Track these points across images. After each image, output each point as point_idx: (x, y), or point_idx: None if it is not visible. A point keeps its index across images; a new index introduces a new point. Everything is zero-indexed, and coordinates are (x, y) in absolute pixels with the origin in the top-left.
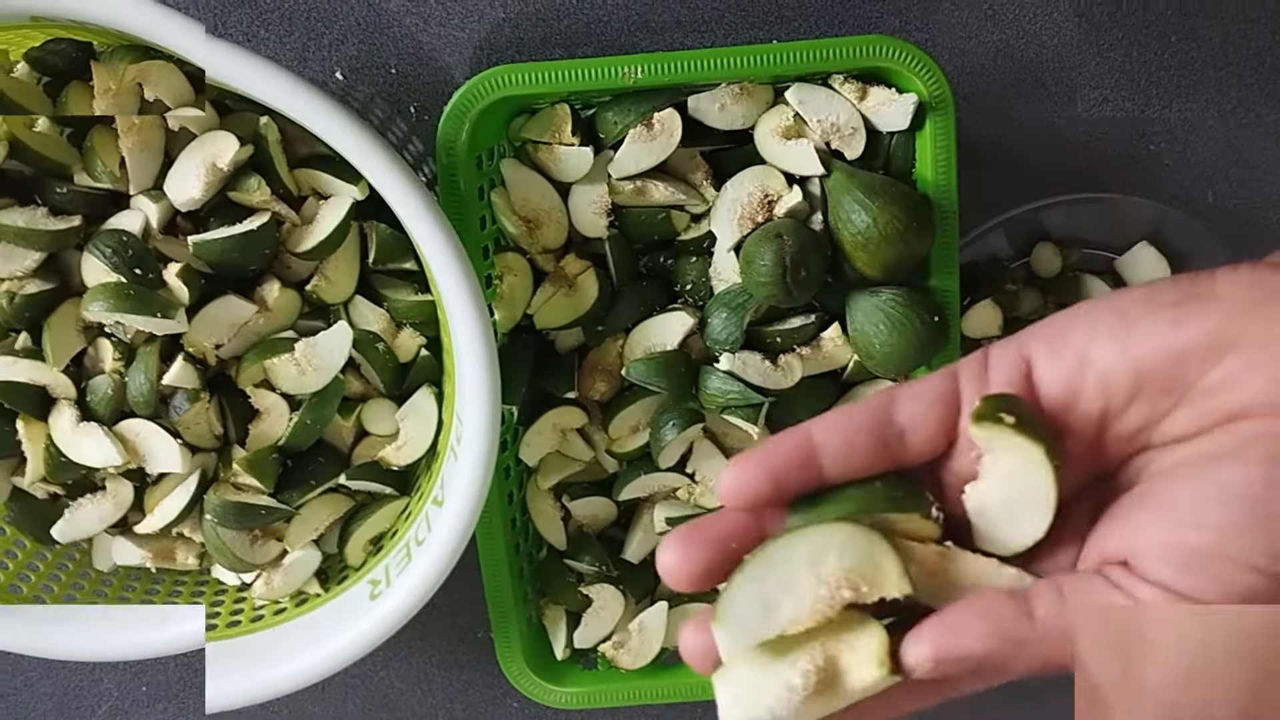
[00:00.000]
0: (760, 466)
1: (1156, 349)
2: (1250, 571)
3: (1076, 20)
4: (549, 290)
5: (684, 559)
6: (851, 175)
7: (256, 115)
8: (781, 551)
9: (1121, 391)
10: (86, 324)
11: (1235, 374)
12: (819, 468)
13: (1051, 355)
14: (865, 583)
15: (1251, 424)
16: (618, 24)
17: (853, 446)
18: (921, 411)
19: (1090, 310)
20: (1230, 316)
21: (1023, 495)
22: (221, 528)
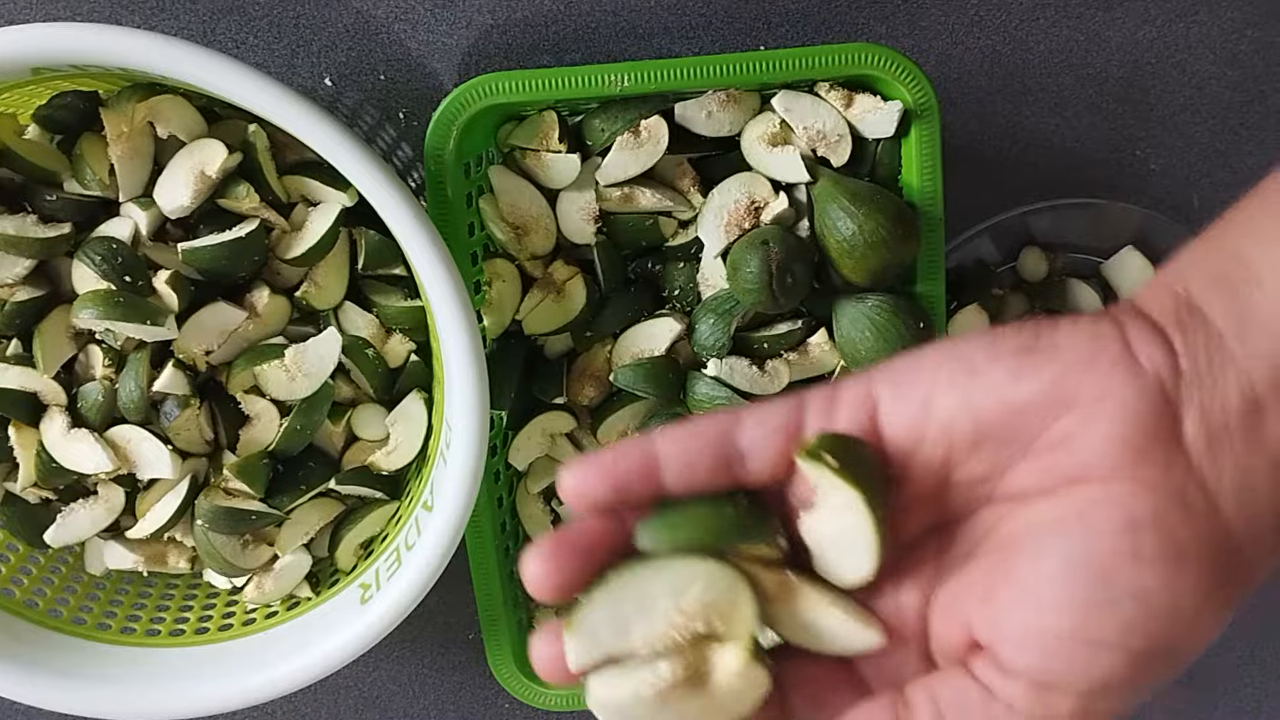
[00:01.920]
0: (602, 473)
1: (996, 401)
2: (1108, 650)
3: (1061, 25)
4: (537, 296)
5: (549, 570)
6: (837, 182)
7: (245, 123)
8: (644, 575)
9: (963, 440)
10: (77, 331)
11: (1072, 432)
12: (660, 480)
13: (896, 398)
14: (720, 620)
15: (1092, 489)
16: (605, 30)
17: (694, 463)
18: (763, 438)
19: (936, 356)
20: (1067, 371)
21: (848, 535)
22: (212, 532)
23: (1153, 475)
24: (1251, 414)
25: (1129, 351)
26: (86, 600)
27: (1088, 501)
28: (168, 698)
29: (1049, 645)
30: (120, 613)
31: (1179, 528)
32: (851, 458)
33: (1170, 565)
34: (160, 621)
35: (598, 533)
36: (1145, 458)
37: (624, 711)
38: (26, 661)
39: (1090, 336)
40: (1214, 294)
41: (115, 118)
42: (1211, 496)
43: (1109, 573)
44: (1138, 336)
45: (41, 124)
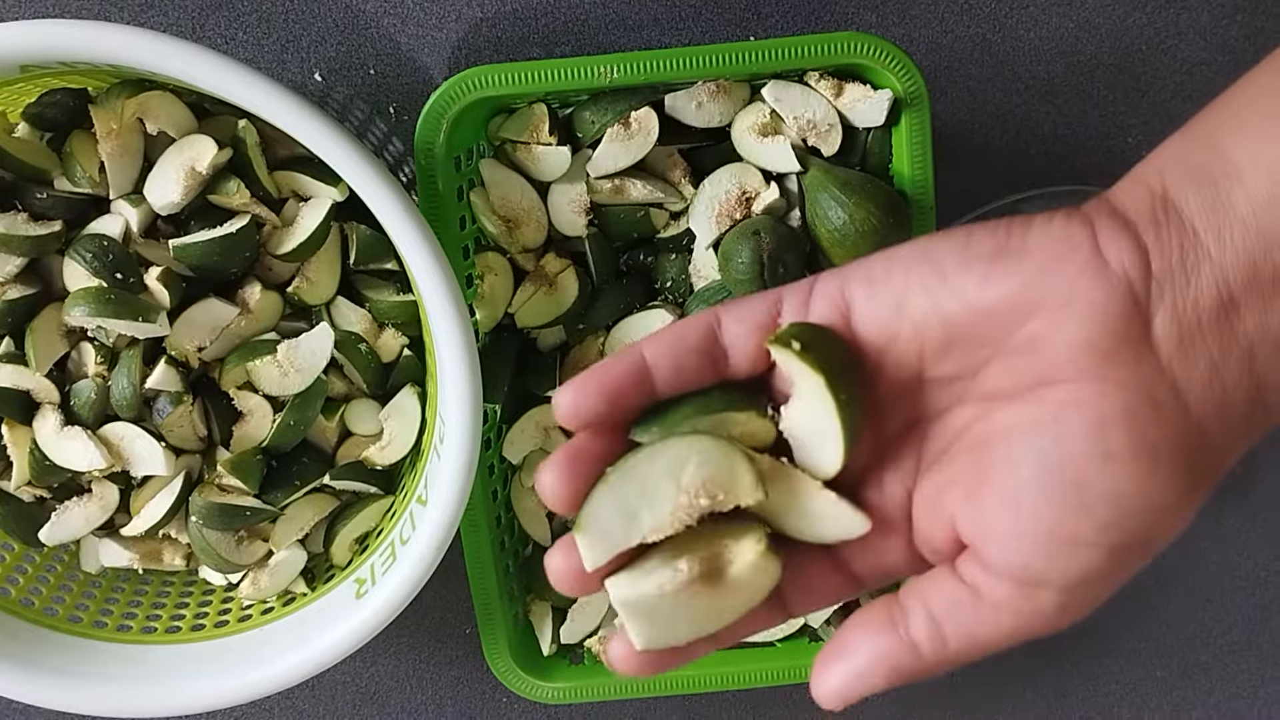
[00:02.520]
0: (596, 386)
1: (966, 305)
2: (1086, 548)
3: (1052, 12)
4: (529, 289)
5: (565, 481)
6: (828, 172)
7: (235, 118)
8: (642, 462)
9: (935, 342)
10: (69, 329)
11: (1040, 335)
12: (652, 385)
13: (869, 298)
14: (722, 490)
15: (1061, 391)
16: (595, 22)
17: (683, 364)
18: (744, 333)
19: (909, 256)
20: (1036, 275)
21: (818, 422)
22: (207, 529)
23: (1121, 375)
24: (1225, 311)
25: (1098, 252)
26: (82, 598)
27: (1057, 404)
28: (164, 695)
29: (1029, 545)
30: (116, 610)
31: (1149, 426)
32: (817, 343)
33: (1141, 464)
34: (156, 619)
35: (604, 444)
36: (1113, 358)
37: (646, 608)
38: (23, 660)
39: (1060, 237)
40: (1191, 189)
41: (105, 115)
42: (1181, 394)
43: (1082, 475)
44: (1108, 236)
45: (31, 122)
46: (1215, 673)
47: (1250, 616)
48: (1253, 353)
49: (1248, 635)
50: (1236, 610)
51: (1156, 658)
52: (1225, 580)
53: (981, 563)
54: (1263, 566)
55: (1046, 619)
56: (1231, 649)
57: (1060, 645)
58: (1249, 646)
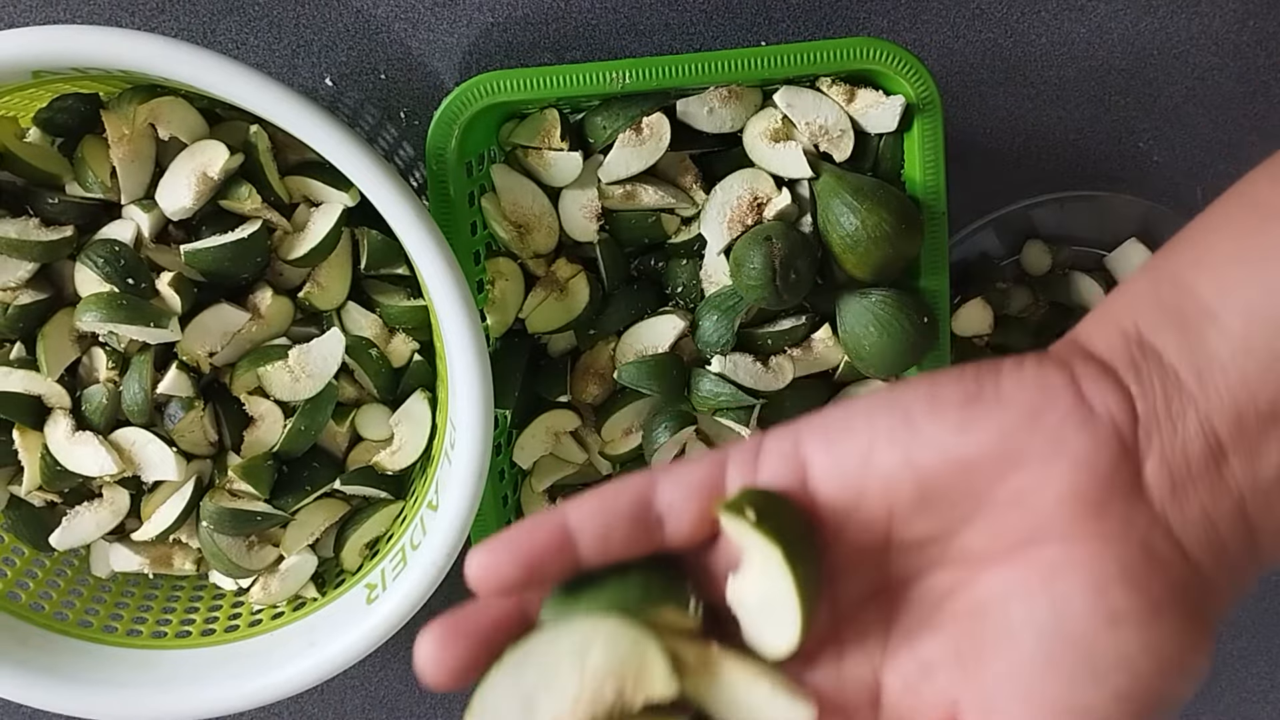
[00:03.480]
0: (511, 552)
1: (940, 457)
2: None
3: (1063, 17)
4: (540, 294)
5: (443, 656)
6: (840, 178)
7: (246, 123)
8: (543, 645)
9: (906, 500)
10: (80, 334)
11: (1025, 490)
12: (575, 553)
13: (829, 455)
14: (631, 680)
15: (1053, 550)
16: (606, 27)
17: (610, 532)
18: (681, 500)
19: (871, 406)
20: (1016, 424)
21: (771, 598)
22: (218, 534)
23: (1115, 530)
24: (1213, 457)
25: (1081, 399)
26: (92, 603)
27: (1051, 565)
28: (174, 700)
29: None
30: (126, 615)
31: (1150, 581)
32: (773, 512)
33: (1148, 622)
34: (166, 623)
35: (496, 613)
36: (1105, 512)
37: None
38: (32, 665)
39: (1038, 385)
40: (1167, 331)
41: (116, 120)
42: (1178, 542)
43: (1088, 644)
44: (1089, 381)
45: (43, 127)
46: (1225, 678)
47: (1260, 621)
48: (1243, 499)
49: (1257, 641)
50: (1246, 615)
51: None
52: None
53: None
54: (1273, 572)
55: None
56: (1242, 654)
57: None
58: (1259, 652)
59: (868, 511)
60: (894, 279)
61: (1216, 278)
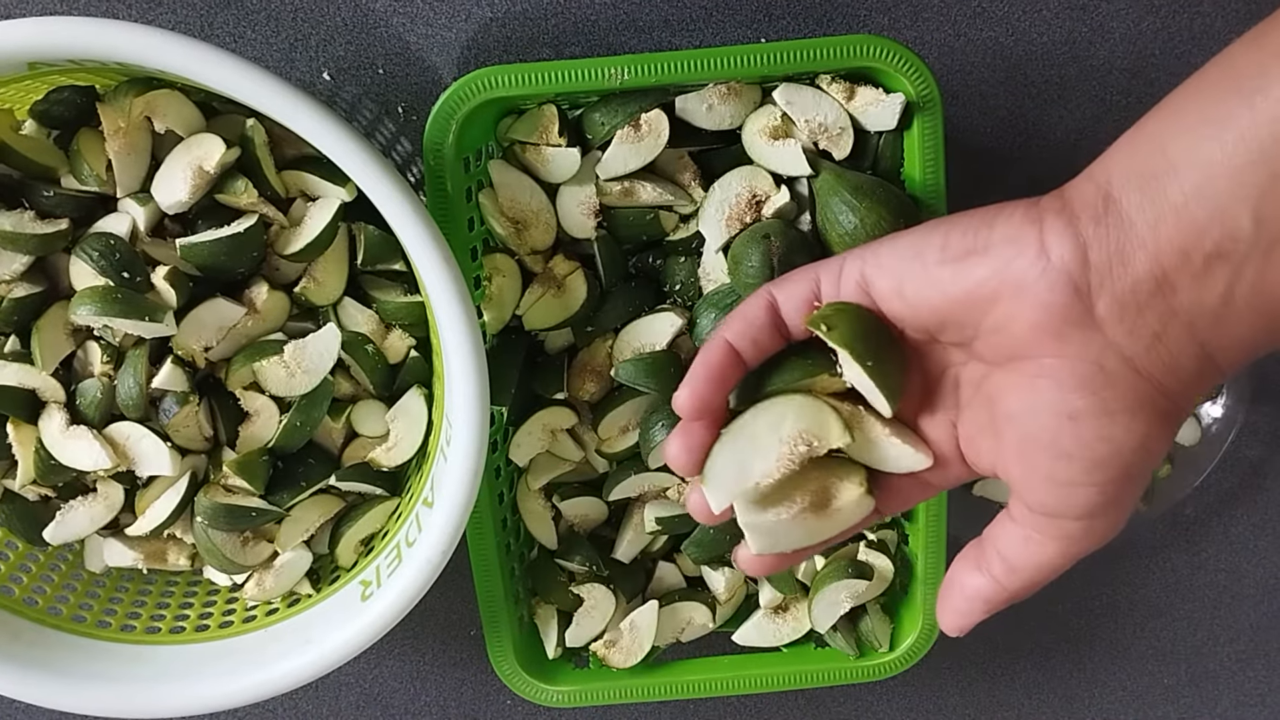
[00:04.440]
0: (706, 377)
1: (945, 297)
2: (1082, 487)
3: (1065, 16)
4: (538, 291)
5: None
6: (839, 175)
7: (243, 117)
8: (748, 422)
9: (931, 319)
10: (75, 327)
11: (1003, 321)
12: (743, 362)
13: (881, 280)
14: (816, 438)
15: (1029, 365)
16: (605, 23)
17: (759, 340)
18: (795, 309)
19: (904, 250)
20: (995, 269)
21: (860, 380)
22: (212, 530)
23: (1072, 351)
24: (1160, 291)
25: (1042, 249)
26: (86, 598)
27: (1030, 374)
28: (168, 695)
29: (1041, 488)
30: (120, 610)
31: (1102, 389)
32: (840, 321)
33: (1101, 419)
34: (160, 619)
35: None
36: (1063, 339)
37: (765, 528)
38: (26, 660)
39: (1014, 238)
40: (1132, 186)
41: (112, 113)
42: (1129, 360)
43: (1056, 432)
44: (1052, 234)
45: (38, 119)
46: (1223, 680)
47: (1258, 624)
48: (1192, 323)
49: (1256, 643)
50: (1245, 618)
51: (1164, 665)
52: (1234, 588)
53: (1020, 501)
54: (1271, 575)
55: (1080, 542)
56: (1239, 657)
57: (1068, 652)
58: (1257, 654)
59: (914, 323)
60: None
61: (1185, 138)
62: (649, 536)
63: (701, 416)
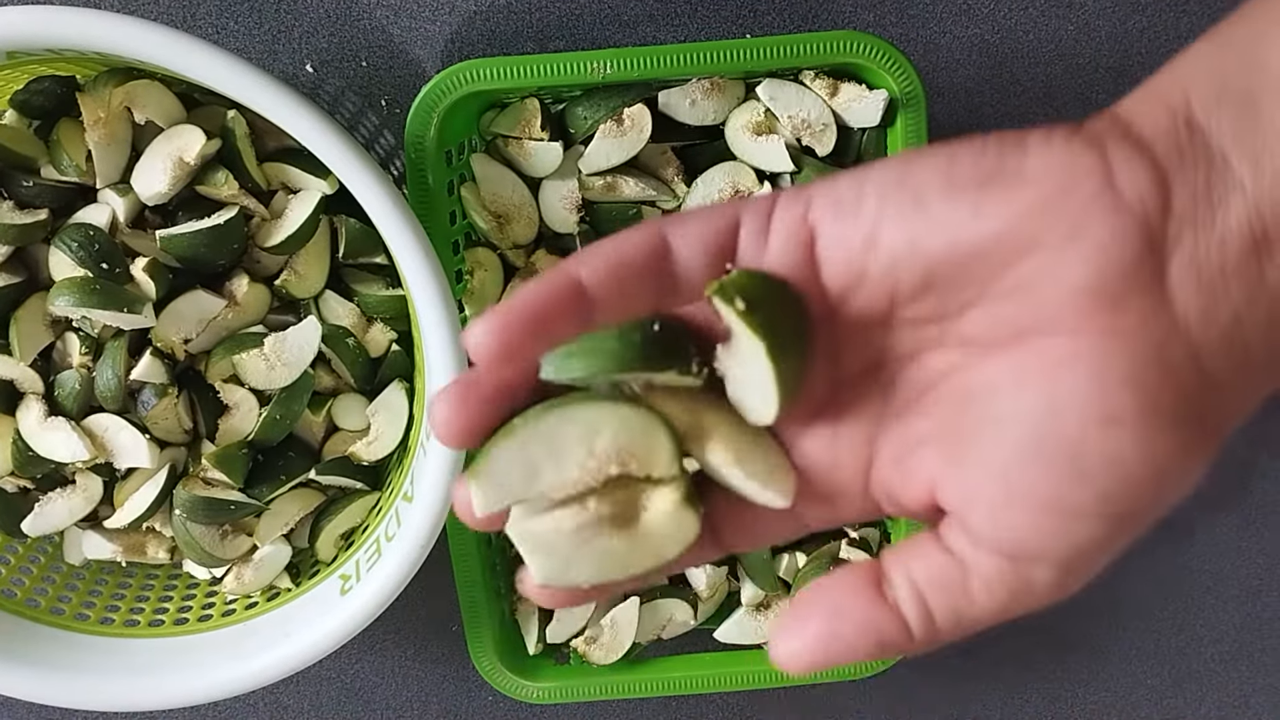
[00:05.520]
0: (522, 315)
1: (950, 241)
2: (1084, 519)
3: (1051, 14)
4: (519, 286)
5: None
6: (821, 172)
7: (224, 109)
8: (554, 421)
9: (911, 281)
10: (54, 318)
11: (1036, 277)
12: (590, 315)
13: (837, 227)
14: (636, 461)
15: (1058, 343)
16: (590, 17)
17: (627, 290)
18: (695, 258)
19: (883, 180)
20: (1035, 206)
21: (752, 378)
22: (191, 523)
23: (1128, 327)
24: (1254, 254)
25: (1109, 182)
26: (65, 590)
27: (1053, 357)
28: (147, 688)
29: (1022, 518)
30: (99, 603)
31: (1159, 389)
32: (763, 299)
33: (1148, 429)
34: (139, 612)
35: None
36: (1120, 307)
37: (543, 544)
38: (3, 652)
39: (1064, 163)
40: (1222, 108)
41: (92, 103)
42: (1196, 350)
43: (1080, 441)
44: (1122, 163)
45: (18, 109)
46: (1207, 681)
47: (1242, 625)
48: None
49: (1240, 644)
50: (1229, 619)
51: (1148, 666)
52: (1218, 589)
53: (967, 532)
54: (1255, 576)
55: (1040, 595)
56: (1223, 658)
57: (1051, 652)
58: (1241, 655)
59: (870, 289)
60: None
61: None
62: None
63: (496, 363)
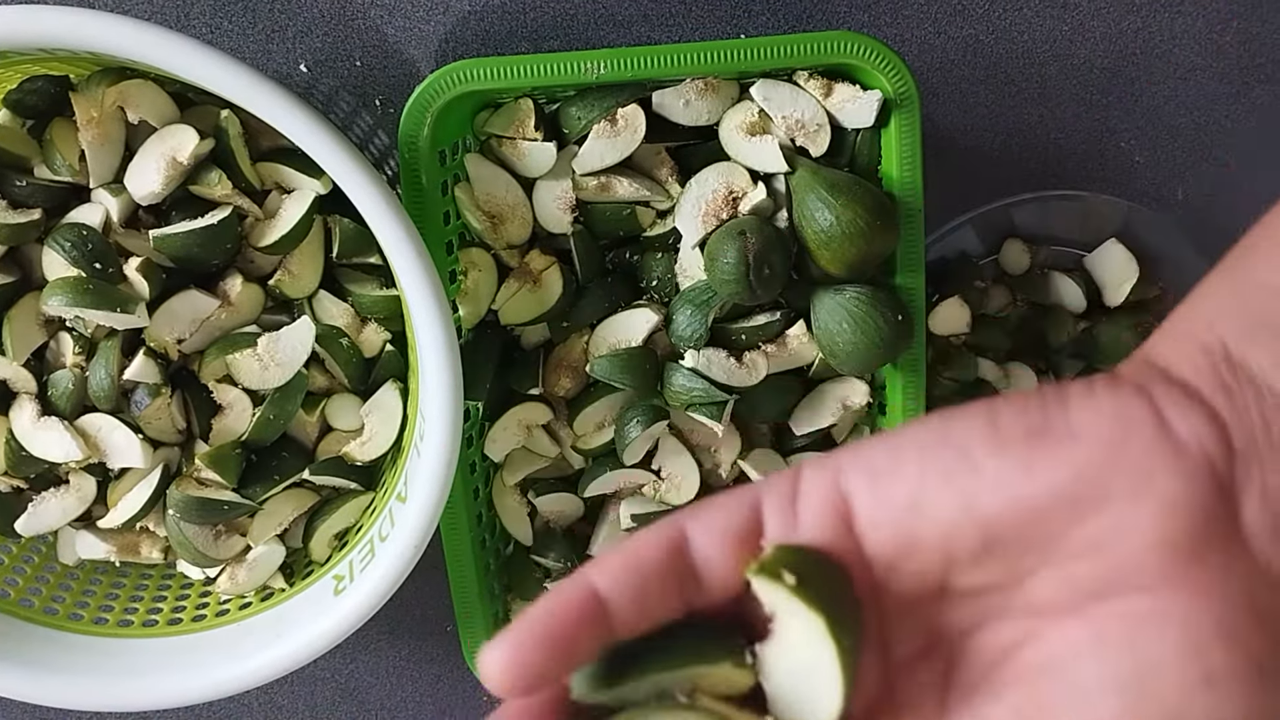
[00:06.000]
0: (538, 637)
1: (1006, 502)
2: None
3: (1045, 15)
4: (514, 286)
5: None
6: (816, 173)
7: (218, 108)
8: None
9: (967, 549)
10: (47, 318)
11: (1104, 538)
12: (608, 626)
13: (875, 495)
14: None
15: (1138, 603)
16: (584, 17)
17: (646, 594)
18: (717, 551)
19: (921, 441)
20: (1091, 462)
21: (811, 670)
22: (184, 523)
23: (1211, 580)
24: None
25: (1165, 429)
26: (59, 590)
27: (1135, 619)
28: (141, 688)
29: None
30: (93, 603)
31: (1252, 638)
32: (813, 574)
33: (1249, 684)
34: (133, 612)
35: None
36: (1198, 560)
37: None
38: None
39: (1115, 415)
40: (1260, 343)
41: (85, 103)
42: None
43: (1180, 705)
44: (1174, 408)
45: (11, 109)
46: None
47: None
48: None
49: None
50: None
51: None
52: None
53: None
54: None
55: None
56: None
57: None
58: None
59: (921, 560)
60: (869, 276)
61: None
62: (625, 533)
63: (518, 693)
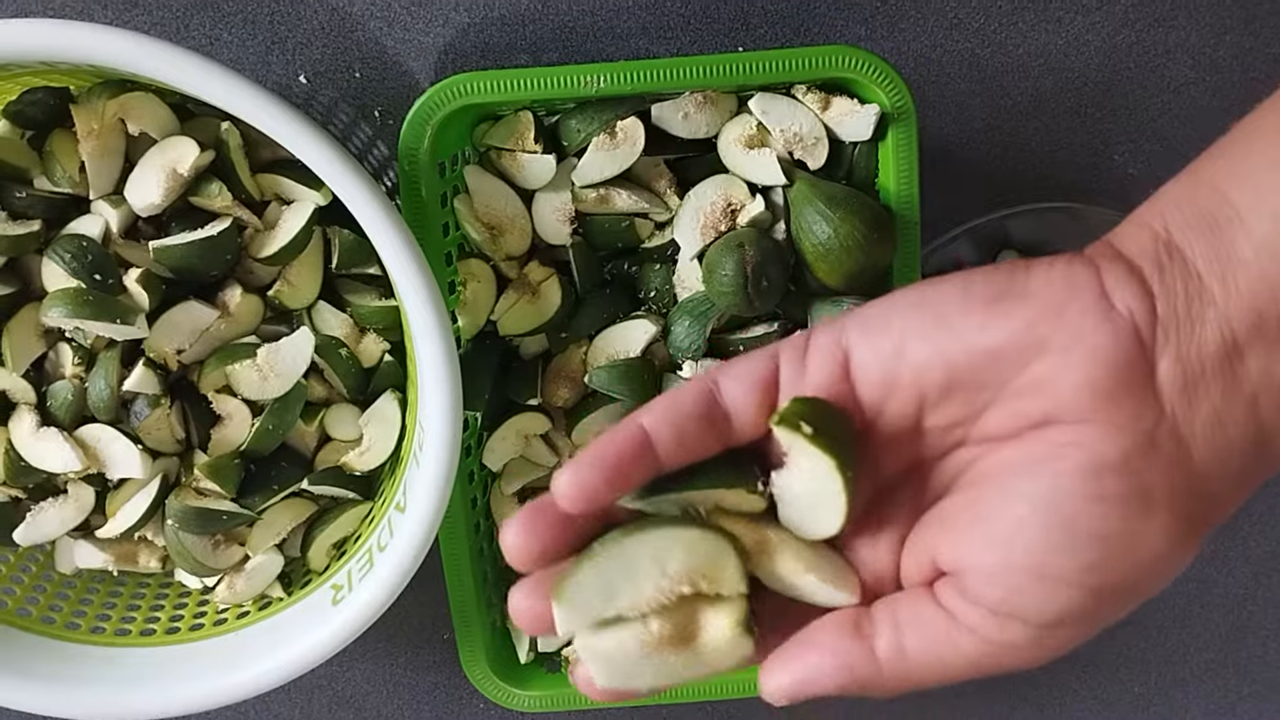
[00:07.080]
0: (599, 463)
1: (968, 348)
2: (1066, 587)
3: (1040, 29)
4: (512, 297)
5: (529, 539)
6: (813, 185)
7: (218, 120)
8: (630, 545)
9: (935, 388)
10: (46, 329)
11: (1042, 378)
12: (655, 457)
13: (867, 346)
14: (705, 580)
15: (1060, 432)
16: (583, 30)
17: (684, 431)
18: (743, 395)
19: (907, 303)
20: (1040, 317)
21: (818, 495)
22: (183, 532)
23: (1122, 419)
24: (1229, 357)
25: (1104, 295)
26: (56, 599)
27: (1056, 444)
28: (138, 698)
29: (1011, 579)
30: (90, 612)
31: (1146, 471)
32: (824, 422)
33: (1134, 509)
34: (131, 621)
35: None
36: (1116, 402)
37: (609, 655)
38: None
39: (1064, 281)
40: (1195, 233)
41: (86, 114)
42: (1183, 440)
43: (1072, 516)
44: (1113, 279)
45: (12, 120)
46: (1192, 689)
47: (1228, 634)
48: (1256, 400)
49: (1225, 653)
50: (1214, 628)
51: (1134, 673)
52: (1204, 598)
53: (961, 590)
54: (1240, 585)
55: (1017, 654)
56: (1209, 666)
57: None
58: (1226, 664)
59: (901, 400)
60: (866, 287)
61: (1250, 184)
62: None
63: (579, 509)
